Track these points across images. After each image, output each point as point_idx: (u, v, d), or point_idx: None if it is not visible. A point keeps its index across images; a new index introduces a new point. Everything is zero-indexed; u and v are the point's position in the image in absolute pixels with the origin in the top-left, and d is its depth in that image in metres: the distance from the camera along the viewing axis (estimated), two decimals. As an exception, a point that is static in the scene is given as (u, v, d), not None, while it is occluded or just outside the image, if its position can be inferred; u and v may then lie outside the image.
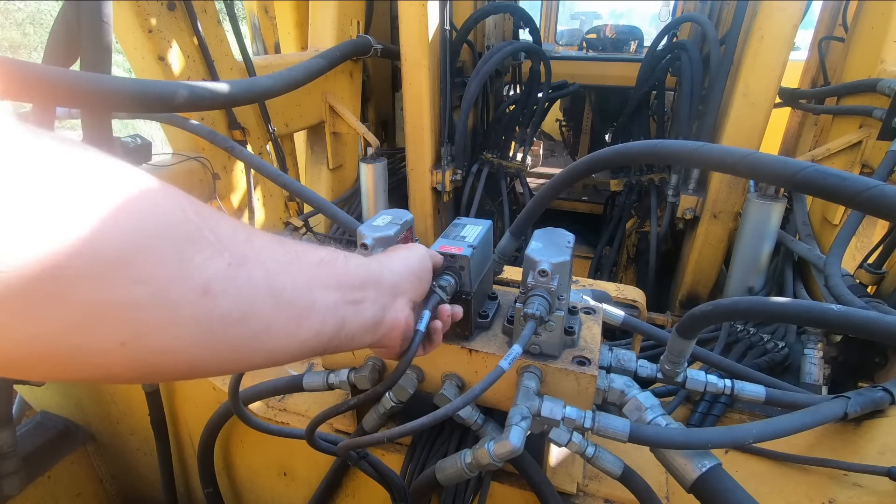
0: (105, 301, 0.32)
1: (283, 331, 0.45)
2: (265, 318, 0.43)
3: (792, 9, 1.69)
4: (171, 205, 0.37)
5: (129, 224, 0.33)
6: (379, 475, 1.03)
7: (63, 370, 0.34)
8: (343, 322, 0.52)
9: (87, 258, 0.31)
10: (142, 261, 0.34)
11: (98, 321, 0.32)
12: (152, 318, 0.35)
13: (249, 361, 0.45)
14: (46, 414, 1.58)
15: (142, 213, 0.34)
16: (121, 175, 0.35)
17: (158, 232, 0.35)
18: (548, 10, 5.95)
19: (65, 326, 0.31)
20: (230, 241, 0.41)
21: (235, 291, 0.40)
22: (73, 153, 0.33)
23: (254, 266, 0.42)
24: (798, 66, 2.78)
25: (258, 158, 1.68)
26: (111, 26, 1.19)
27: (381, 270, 0.61)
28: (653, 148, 0.79)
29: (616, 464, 0.81)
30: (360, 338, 0.57)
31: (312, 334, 0.48)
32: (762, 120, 1.84)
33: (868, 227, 1.85)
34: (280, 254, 0.46)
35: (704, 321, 0.74)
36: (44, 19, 9.34)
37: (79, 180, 0.32)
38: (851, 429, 1.04)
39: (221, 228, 0.41)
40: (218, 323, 0.39)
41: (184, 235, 0.37)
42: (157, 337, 0.36)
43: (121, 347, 0.34)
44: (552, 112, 4.46)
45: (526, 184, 3.03)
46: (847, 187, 0.59)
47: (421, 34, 2.12)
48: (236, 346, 0.42)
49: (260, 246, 0.44)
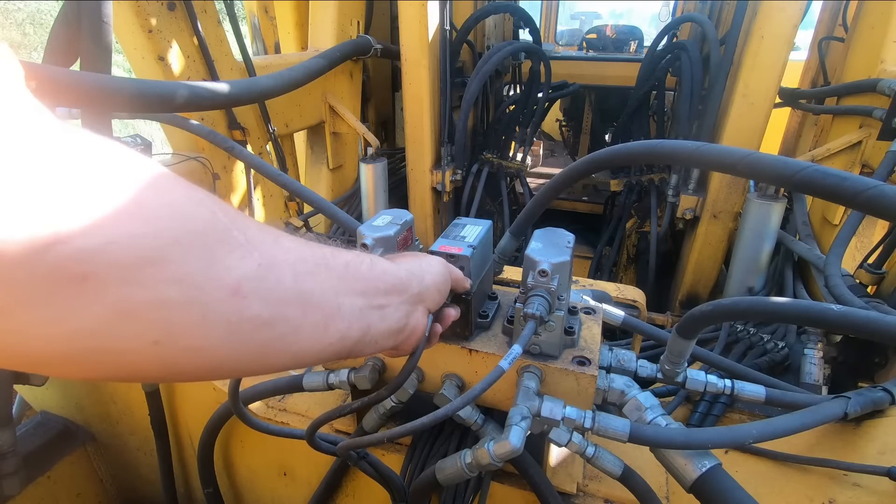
0: (137, 300, 0.32)
1: (310, 333, 0.45)
2: (293, 320, 0.43)
3: (792, 9, 1.69)
4: (201, 205, 0.37)
5: (160, 222, 0.33)
6: (379, 475, 1.03)
7: (94, 369, 0.34)
8: (368, 327, 0.52)
9: (118, 257, 0.31)
10: (174, 260, 0.34)
11: (130, 320, 0.32)
12: (184, 317, 0.35)
13: (275, 363, 0.45)
14: (46, 414, 1.57)
15: (173, 212, 0.34)
16: (151, 174, 0.34)
17: (190, 232, 0.35)
18: (548, 10, 5.95)
19: (97, 325, 0.31)
20: (259, 243, 0.41)
21: (265, 293, 0.40)
22: (105, 148, 0.33)
23: (283, 268, 0.42)
24: (798, 66, 2.78)
25: (258, 158, 1.68)
26: (111, 26, 1.19)
27: (410, 280, 0.61)
28: (653, 148, 0.79)
29: (616, 464, 0.81)
30: (383, 342, 0.57)
31: (338, 338, 0.48)
32: (762, 120, 1.84)
33: (868, 227, 1.85)
34: (308, 256, 0.46)
35: (704, 321, 0.74)
36: (44, 19, 9.34)
37: (109, 178, 0.32)
38: (851, 429, 1.04)
39: (250, 230, 0.41)
40: (247, 324, 0.39)
41: (214, 236, 0.37)
42: (188, 336, 0.36)
43: (153, 346, 0.34)
44: (552, 112, 4.46)
45: (526, 184, 3.03)
46: (847, 187, 0.59)
47: (421, 34, 2.12)
48: (263, 348, 0.42)
49: (288, 248, 0.44)
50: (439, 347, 0.90)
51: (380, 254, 0.83)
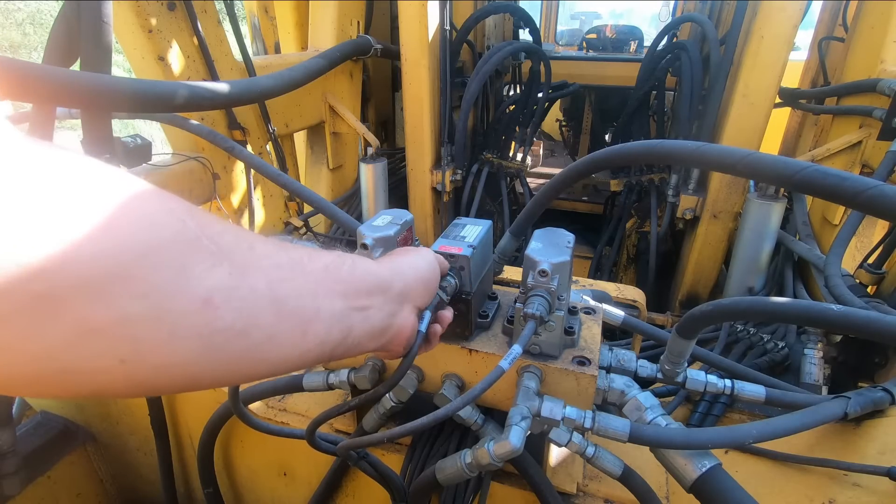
0: (102, 317, 0.31)
1: (287, 341, 0.44)
2: (268, 328, 0.42)
3: (792, 9, 1.69)
4: (169, 214, 0.36)
5: (124, 236, 0.32)
6: (379, 475, 1.03)
7: (62, 388, 0.33)
8: (349, 329, 0.51)
9: (80, 274, 0.30)
10: (140, 274, 0.32)
11: (96, 338, 0.31)
12: (152, 333, 0.34)
13: (252, 373, 0.44)
14: (46, 414, 1.57)
15: (138, 224, 0.33)
16: (115, 184, 0.33)
17: (156, 243, 0.34)
18: (548, 10, 5.96)
19: (60, 345, 0.30)
20: (231, 250, 0.40)
21: (237, 302, 0.39)
22: (65, 160, 0.31)
23: (256, 275, 0.41)
24: (798, 66, 2.78)
25: (258, 158, 1.68)
26: (111, 26, 1.19)
27: (392, 277, 0.59)
28: (652, 148, 0.79)
29: (616, 464, 0.81)
30: (366, 344, 0.56)
31: (317, 343, 0.47)
32: (762, 120, 1.84)
33: (868, 227, 1.85)
34: (283, 261, 0.45)
35: (704, 321, 0.74)
36: (44, 19, 9.34)
37: (70, 190, 0.30)
38: (851, 429, 1.04)
39: (222, 237, 0.39)
40: (220, 335, 0.38)
41: (183, 246, 0.36)
42: (157, 352, 0.35)
43: (121, 365, 0.33)
44: (552, 112, 4.46)
45: (526, 184, 3.03)
46: (847, 187, 0.59)
47: (421, 34, 2.12)
48: (239, 359, 0.40)
49: (262, 254, 0.43)
50: (439, 347, 0.90)
51: (380, 254, 0.83)
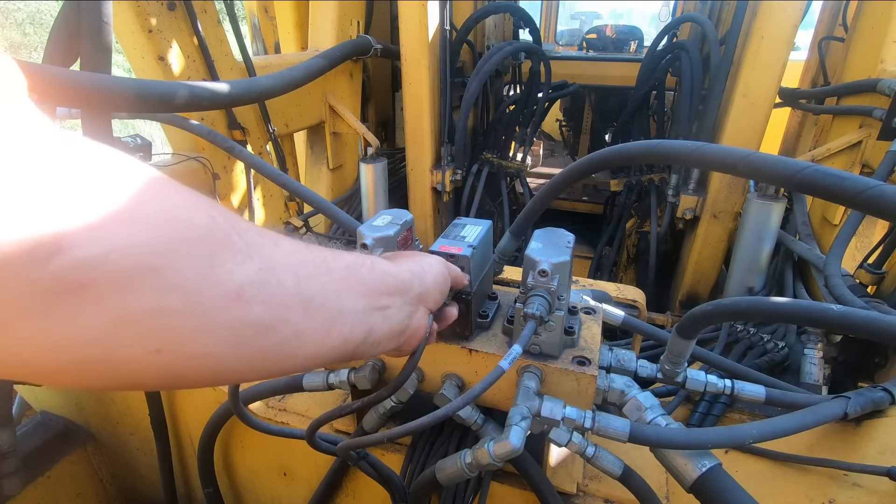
0: (138, 308, 0.32)
1: (313, 337, 0.45)
2: (295, 324, 0.43)
3: (792, 9, 1.69)
4: (200, 211, 0.37)
5: (160, 230, 0.33)
6: (379, 475, 1.03)
7: (95, 378, 0.33)
8: (371, 329, 0.52)
9: (118, 265, 0.31)
10: (174, 267, 0.33)
11: (131, 328, 0.32)
12: (185, 324, 0.35)
13: (279, 368, 0.44)
14: (46, 414, 1.57)
15: (172, 219, 0.34)
16: (149, 181, 0.34)
17: (189, 237, 0.35)
18: (548, 10, 5.96)
19: (98, 334, 0.31)
20: (260, 247, 0.40)
21: (267, 297, 0.40)
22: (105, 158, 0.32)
23: (284, 272, 0.42)
24: (798, 66, 2.78)
25: (258, 158, 1.68)
26: (111, 26, 1.19)
27: (412, 280, 0.60)
28: (652, 148, 0.79)
29: (616, 464, 0.81)
30: (386, 344, 0.56)
31: (340, 341, 0.48)
32: (762, 120, 1.84)
33: (868, 227, 1.85)
34: (309, 259, 0.46)
35: (704, 321, 0.74)
36: (44, 19, 9.34)
37: (108, 186, 0.31)
38: (851, 429, 1.04)
39: (250, 234, 0.40)
40: (249, 329, 0.39)
41: (215, 241, 0.37)
42: (189, 344, 0.35)
43: (155, 355, 0.34)
44: (552, 112, 4.46)
45: (526, 184, 3.03)
46: (847, 187, 0.59)
47: (421, 34, 2.12)
48: (266, 353, 0.41)
49: (289, 251, 0.44)
50: (439, 347, 0.90)
51: (380, 254, 0.83)
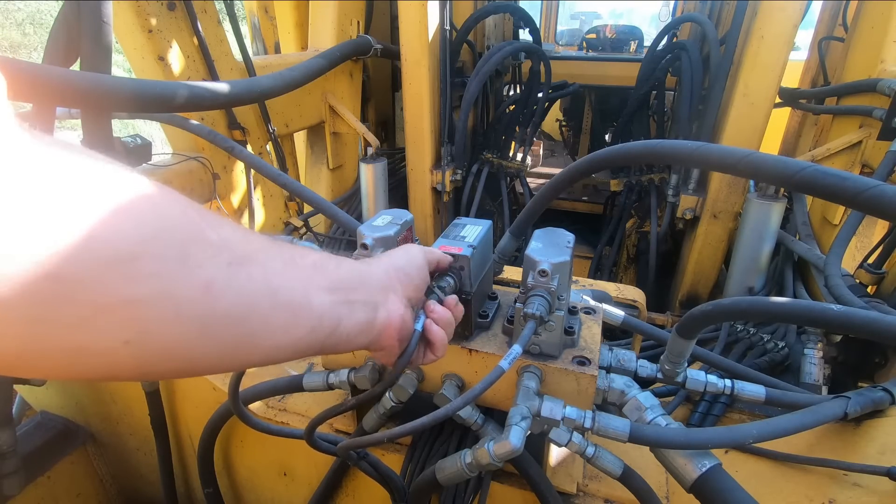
0: (109, 300, 0.33)
1: (281, 329, 0.46)
2: (264, 316, 0.44)
3: (792, 9, 1.69)
4: (173, 206, 0.38)
5: (130, 224, 0.34)
6: (379, 475, 1.03)
7: (67, 369, 0.34)
8: (338, 322, 0.53)
9: (88, 259, 0.31)
10: (145, 259, 0.34)
11: (102, 320, 0.33)
12: (156, 315, 0.36)
13: (248, 359, 0.46)
14: (46, 414, 1.57)
15: (143, 213, 0.35)
16: (121, 179, 0.35)
17: (161, 231, 0.36)
18: (548, 10, 5.96)
19: (69, 326, 0.32)
20: (230, 241, 0.42)
21: (237, 289, 0.41)
22: (74, 158, 0.33)
23: (253, 265, 0.43)
24: (798, 66, 2.78)
25: (258, 158, 1.68)
26: (111, 26, 1.19)
27: (369, 270, 0.62)
28: (653, 148, 0.79)
29: (616, 464, 0.81)
30: (356, 339, 0.57)
31: (307, 331, 0.49)
32: (762, 120, 1.84)
33: (868, 227, 1.85)
34: (277, 254, 0.48)
35: (704, 321, 0.74)
36: (44, 19, 9.34)
37: (79, 184, 0.32)
38: (851, 429, 1.04)
39: (222, 228, 0.42)
40: (219, 320, 0.40)
41: (186, 234, 0.38)
42: (160, 335, 0.36)
43: (125, 346, 0.35)
44: (552, 112, 4.46)
45: (526, 184, 3.03)
46: (847, 187, 0.59)
47: (421, 34, 2.12)
48: (236, 344, 0.43)
49: (259, 246, 0.45)
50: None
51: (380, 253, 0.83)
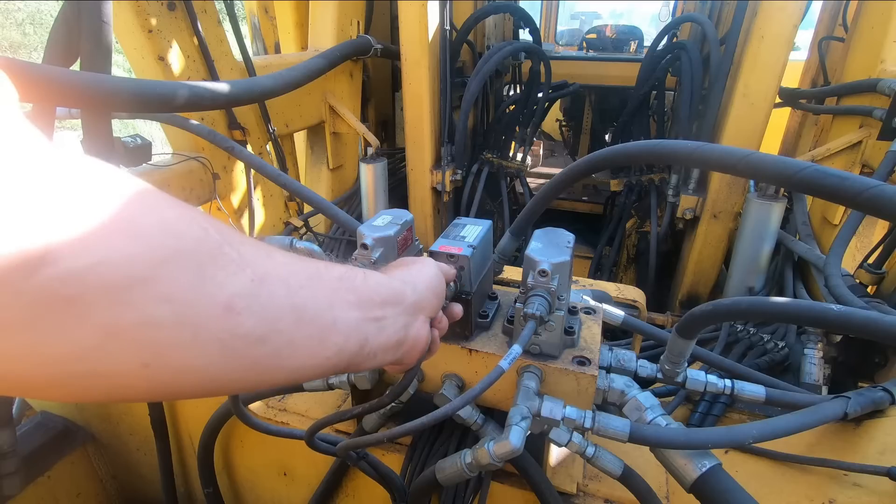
0: (126, 321, 0.32)
1: (306, 348, 0.45)
2: (287, 335, 0.42)
3: (792, 9, 1.69)
4: (192, 223, 0.37)
5: (150, 242, 0.33)
6: (379, 475, 1.03)
7: (83, 392, 0.33)
8: (366, 340, 0.51)
9: (106, 278, 0.30)
10: (164, 279, 0.33)
11: (119, 342, 0.32)
12: (175, 337, 0.34)
13: (271, 379, 0.44)
14: (46, 414, 1.57)
15: (163, 231, 0.34)
16: (140, 193, 0.34)
17: (180, 249, 0.35)
18: (548, 10, 5.95)
19: (85, 348, 0.30)
20: (252, 258, 0.40)
21: (258, 308, 0.39)
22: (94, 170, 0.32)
23: (276, 282, 0.41)
24: (798, 66, 2.78)
25: (258, 158, 1.68)
26: (111, 26, 1.19)
27: (404, 289, 0.59)
28: (653, 148, 0.79)
29: (616, 464, 0.81)
30: (383, 356, 0.55)
31: (334, 352, 0.47)
32: (762, 120, 1.84)
33: (868, 227, 1.85)
34: (301, 270, 0.46)
35: (704, 321, 0.74)
36: (44, 19, 9.34)
37: (97, 198, 0.31)
38: (851, 429, 1.04)
39: (243, 246, 0.40)
40: (241, 340, 0.38)
41: (206, 252, 0.36)
42: (179, 356, 0.35)
43: (143, 369, 0.33)
44: (552, 112, 4.46)
45: (526, 184, 3.03)
46: (847, 187, 0.59)
47: (421, 34, 2.12)
48: (258, 364, 0.41)
49: (281, 262, 0.44)
50: (440, 347, 0.90)
51: (379, 254, 0.83)
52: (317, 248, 1.33)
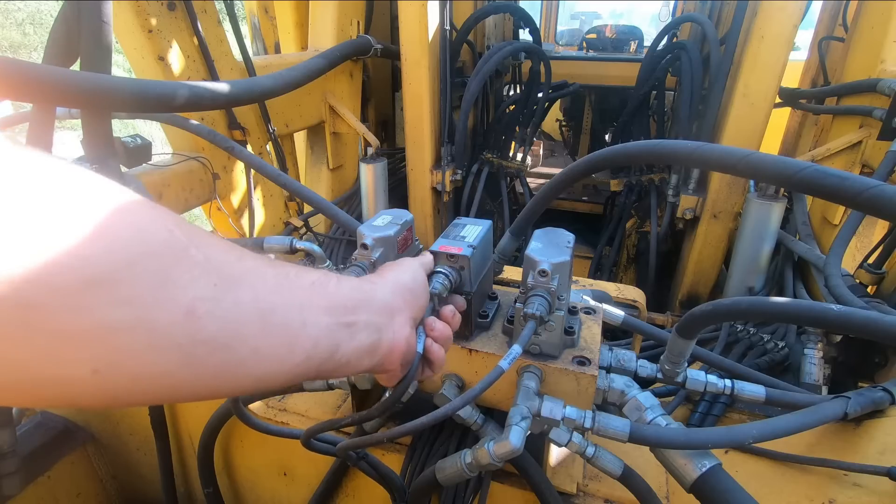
0: (79, 328, 0.30)
1: (273, 355, 0.43)
2: (253, 341, 0.41)
3: (792, 9, 1.69)
4: (157, 223, 0.35)
5: (109, 245, 0.32)
6: (379, 475, 1.03)
7: (35, 398, 0.32)
8: (337, 345, 0.49)
9: (61, 282, 0.29)
10: (125, 281, 0.32)
11: (70, 349, 0.31)
12: (130, 342, 0.33)
13: (235, 387, 0.42)
14: (46, 414, 1.57)
15: (124, 232, 0.33)
16: (102, 194, 0.33)
17: (141, 251, 0.33)
18: (548, 10, 5.96)
19: (32, 356, 0.29)
20: (219, 262, 0.39)
21: (221, 313, 0.38)
22: (50, 169, 0.31)
23: (242, 287, 0.40)
24: (798, 66, 2.78)
25: (258, 158, 1.68)
26: (111, 26, 1.19)
27: (373, 290, 0.57)
28: (653, 148, 0.79)
29: (616, 464, 0.81)
30: (357, 362, 0.53)
31: (303, 358, 0.46)
32: (762, 120, 1.84)
33: (868, 227, 1.85)
34: (270, 275, 0.44)
35: (704, 321, 0.74)
36: (44, 19, 9.34)
37: (53, 198, 0.30)
38: (851, 429, 1.04)
39: (210, 248, 0.39)
40: (202, 347, 0.37)
41: (169, 254, 0.35)
42: (134, 362, 0.34)
43: (93, 375, 0.32)
44: (552, 112, 4.46)
45: (526, 184, 3.03)
46: (847, 187, 0.59)
47: (421, 34, 2.12)
48: (221, 372, 0.39)
49: (250, 267, 0.43)
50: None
51: (380, 253, 0.83)
52: (317, 248, 1.33)
